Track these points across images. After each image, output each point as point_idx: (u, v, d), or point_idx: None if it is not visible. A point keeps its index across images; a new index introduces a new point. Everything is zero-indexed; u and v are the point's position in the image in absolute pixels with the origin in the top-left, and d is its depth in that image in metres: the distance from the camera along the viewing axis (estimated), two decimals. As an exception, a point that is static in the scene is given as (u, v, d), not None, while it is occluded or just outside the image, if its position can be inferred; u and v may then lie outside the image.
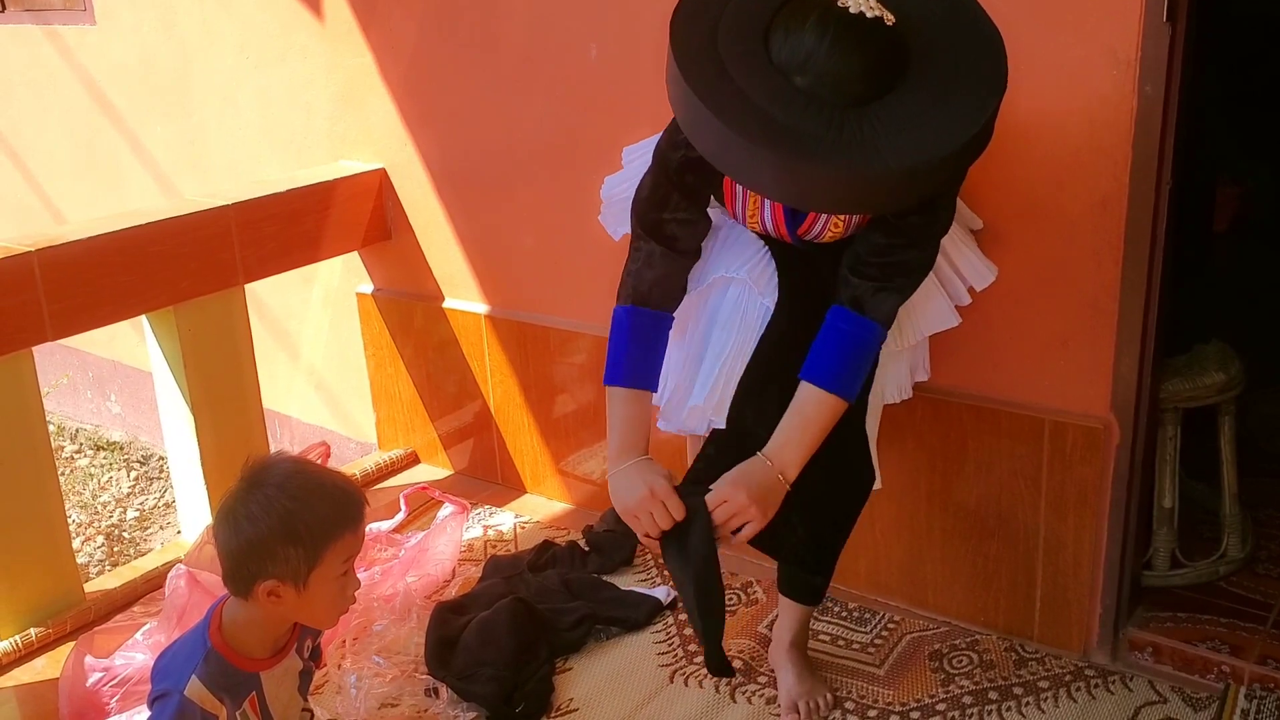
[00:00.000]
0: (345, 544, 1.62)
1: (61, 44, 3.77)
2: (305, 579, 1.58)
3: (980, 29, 1.64)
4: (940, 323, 2.03)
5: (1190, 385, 2.33)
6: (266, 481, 1.59)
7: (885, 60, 1.55)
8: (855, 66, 1.54)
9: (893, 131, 1.52)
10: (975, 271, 2.05)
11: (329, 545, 1.59)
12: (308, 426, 3.57)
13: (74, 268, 2.53)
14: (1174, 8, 1.90)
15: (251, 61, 3.26)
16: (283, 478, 1.60)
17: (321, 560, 1.59)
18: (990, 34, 1.64)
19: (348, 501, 1.63)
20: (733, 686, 2.25)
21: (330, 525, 1.59)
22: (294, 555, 1.57)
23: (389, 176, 3.08)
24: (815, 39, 1.54)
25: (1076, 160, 2.05)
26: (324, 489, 1.62)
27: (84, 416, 4.36)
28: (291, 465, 1.65)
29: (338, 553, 1.60)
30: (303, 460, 1.71)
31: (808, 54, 1.54)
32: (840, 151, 1.51)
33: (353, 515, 1.63)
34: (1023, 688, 2.21)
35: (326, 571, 1.60)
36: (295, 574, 1.58)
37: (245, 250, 2.84)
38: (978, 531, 2.35)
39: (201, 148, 3.51)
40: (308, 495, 1.59)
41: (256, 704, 1.65)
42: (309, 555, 1.58)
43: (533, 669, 2.28)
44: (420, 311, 3.12)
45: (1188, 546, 2.42)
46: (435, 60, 2.89)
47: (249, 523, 1.57)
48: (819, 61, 1.54)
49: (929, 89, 1.56)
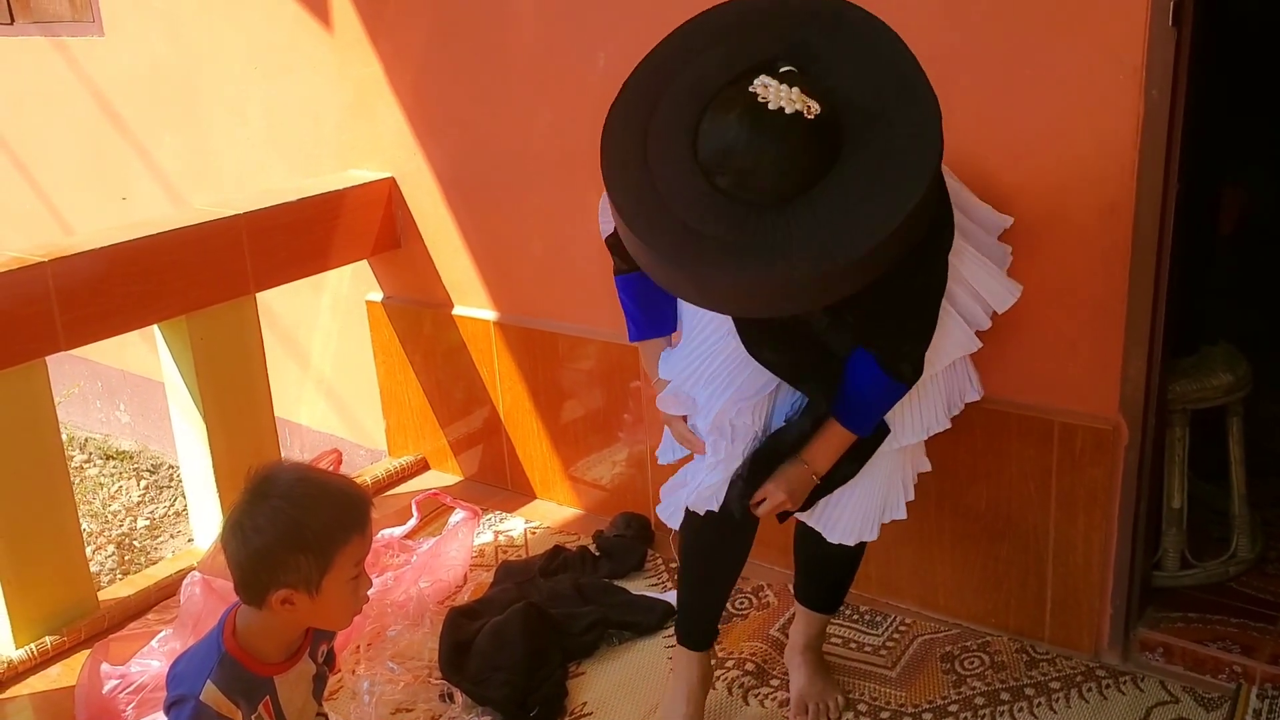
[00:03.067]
0: (355, 547, 1.62)
1: (69, 55, 3.79)
2: (318, 585, 1.59)
3: (918, 106, 1.51)
4: (959, 350, 1.92)
5: (1198, 386, 2.34)
6: (272, 491, 1.60)
7: (804, 156, 1.47)
8: (770, 166, 1.47)
9: (809, 232, 1.46)
10: (995, 294, 1.92)
11: (339, 550, 1.60)
12: (318, 434, 3.58)
13: (87, 277, 2.55)
14: (1179, 12, 1.91)
15: (260, 71, 3.28)
16: (288, 486, 1.61)
17: (333, 565, 1.59)
18: (925, 113, 1.51)
19: (353, 505, 1.64)
20: (745, 689, 2.27)
21: (338, 530, 1.60)
22: (305, 563, 1.58)
23: (398, 185, 3.10)
24: (733, 138, 1.48)
25: (1083, 165, 2.07)
26: (329, 494, 1.63)
27: (94, 426, 4.37)
28: (296, 473, 1.66)
29: (348, 556, 1.61)
30: (306, 467, 1.72)
31: (725, 154, 1.49)
32: (748, 256, 1.47)
33: (360, 518, 1.64)
34: (1034, 688, 2.21)
35: (338, 575, 1.61)
36: (307, 581, 1.59)
37: (256, 259, 2.86)
38: (988, 533, 2.36)
39: (210, 158, 3.52)
40: (313, 502, 1.60)
41: (271, 708, 1.66)
42: (320, 562, 1.58)
43: (546, 673, 2.29)
44: (429, 319, 3.14)
45: (1197, 547, 2.43)
46: (443, 70, 2.90)
47: (257, 534, 1.57)
48: (735, 161, 1.48)
49: (855, 182, 1.48)
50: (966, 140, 1.99)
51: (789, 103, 1.46)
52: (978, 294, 1.88)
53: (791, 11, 1.56)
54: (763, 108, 1.46)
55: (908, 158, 1.48)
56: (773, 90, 1.47)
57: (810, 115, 1.46)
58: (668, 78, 1.59)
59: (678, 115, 1.55)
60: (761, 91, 1.47)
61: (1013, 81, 2.09)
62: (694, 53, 1.59)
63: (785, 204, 1.48)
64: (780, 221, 1.48)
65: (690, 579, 2.12)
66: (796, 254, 1.46)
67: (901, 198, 1.47)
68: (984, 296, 1.89)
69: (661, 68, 1.61)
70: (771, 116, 1.46)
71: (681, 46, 1.61)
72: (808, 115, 1.46)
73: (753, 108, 1.47)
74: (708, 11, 1.62)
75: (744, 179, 1.49)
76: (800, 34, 1.54)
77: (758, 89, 1.47)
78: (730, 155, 1.49)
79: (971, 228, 1.89)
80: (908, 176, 1.48)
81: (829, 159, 1.49)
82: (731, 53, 1.56)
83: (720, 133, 1.50)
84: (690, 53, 1.59)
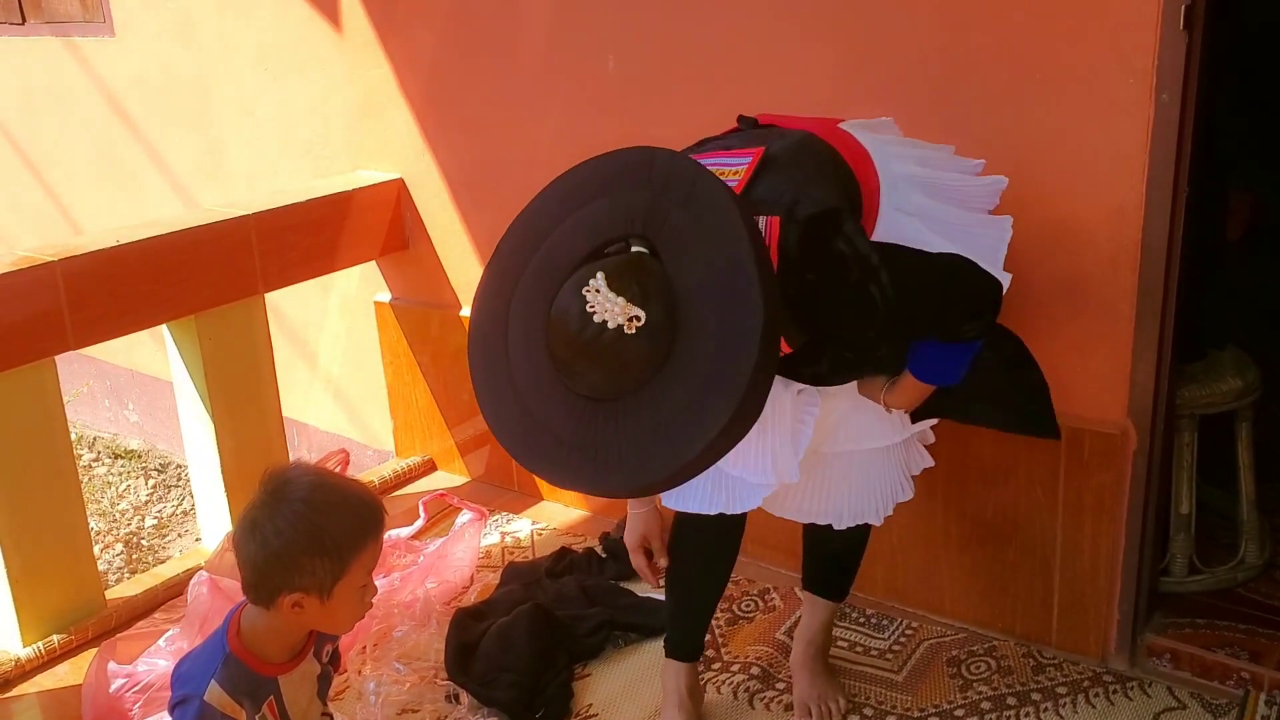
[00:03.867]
0: (369, 554, 1.63)
1: (81, 55, 3.81)
2: (330, 590, 1.60)
3: (744, 309, 1.46)
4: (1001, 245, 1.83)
5: (1207, 391, 2.33)
6: (290, 494, 1.60)
7: (630, 365, 1.48)
8: (598, 375, 1.49)
9: (631, 439, 1.48)
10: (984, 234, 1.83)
11: (355, 556, 1.60)
12: (325, 434, 3.59)
13: (96, 277, 2.56)
14: (1191, 16, 1.91)
15: (270, 73, 3.29)
16: (307, 490, 1.61)
17: (347, 571, 1.60)
18: (749, 319, 1.46)
19: (370, 512, 1.64)
20: (751, 694, 2.26)
21: (355, 536, 1.61)
22: (321, 568, 1.58)
23: (407, 186, 3.10)
24: (563, 345, 1.51)
25: (1093, 168, 2.06)
26: (347, 500, 1.63)
27: (102, 425, 4.38)
28: (314, 477, 1.66)
29: (362, 563, 1.62)
30: (323, 471, 1.72)
31: (559, 354, 1.52)
32: (576, 455, 1.51)
33: (375, 525, 1.64)
34: (1041, 693, 2.21)
35: (351, 581, 1.61)
36: (321, 586, 1.59)
37: (265, 259, 2.86)
38: (995, 538, 2.35)
39: (220, 158, 3.53)
40: (332, 508, 1.60)
41: (275, 708, 1.67)
42: (335, 567, 1.59)
43: (552, 675, 2.29)
44: (437, 320, 3.14)
45: (1205, 552, 2.43)
46: (453, 71, 2.91)
47: (276, 537, 1.58)
48: (567, 364, 1.51)
49: (673, 392, 1.48)
50: (975, 143, 1.99)
51: (613, 317, 1.46)
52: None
53: (656, 175, 1.56)
54: (589, 318, 1.47)
55: (722, 373, 1.46)
56: (601, 299, 1.47)
57: (631, 330, 1.46)
58: (539, 238, 1.61)
59: (537, 289, 1.57)
60: (592, 298, 1.48)
61: (1023, 85, 2.09)
62: (570, 209, 1.60)
63: (617, 400, 1.50)
64: (609, 425, 1.50)
65: (680, 589, 2.12)
66: (614, 464, 1.49)
67: (708, 421, 1.45)
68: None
69: (536, 224, 1.63)
70: (597, 330, 1.47)
71: (561, 198, 1.63)
72: (628, 330, 1.46)
73: (581, 315, 1.48)
74: (591, 162, 1.63)
75: (575, 379, 1.51)
76: (660, 201, 1.54)
77: (589, 295, 1.48)
78: (562, 358, 1.52)
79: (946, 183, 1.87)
80: (718, 396, 1.46)
81: (661, 357, 1.48)
82: (597, 219, 1.57)
83: (557, 331, 1.52)
84: (567, 208, 1.60)
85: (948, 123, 2.11)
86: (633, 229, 1.53)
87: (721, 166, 1.69)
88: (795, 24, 2.34)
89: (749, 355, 1.44)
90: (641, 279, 1.48)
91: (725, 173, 1.67)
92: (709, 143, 1.85)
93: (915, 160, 1.88)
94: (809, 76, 2.35)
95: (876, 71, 2.25)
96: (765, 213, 1.61)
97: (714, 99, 2.47)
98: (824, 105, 2.29)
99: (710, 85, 2.48)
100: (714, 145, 1.82)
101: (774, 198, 1.64)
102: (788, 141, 1.76)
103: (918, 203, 1.84)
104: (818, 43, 2.32)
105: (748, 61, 2.42)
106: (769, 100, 2.39)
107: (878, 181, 1.83)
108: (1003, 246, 1.83)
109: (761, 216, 1.60)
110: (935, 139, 2.01)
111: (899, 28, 2.21)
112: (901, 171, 1.85)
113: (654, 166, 1.56)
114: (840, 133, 1.87)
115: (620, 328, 1.45)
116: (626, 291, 1.46)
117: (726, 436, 1.47)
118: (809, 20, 2.32)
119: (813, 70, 2.34)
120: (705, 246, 1.49)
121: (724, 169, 1.68)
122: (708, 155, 1.74)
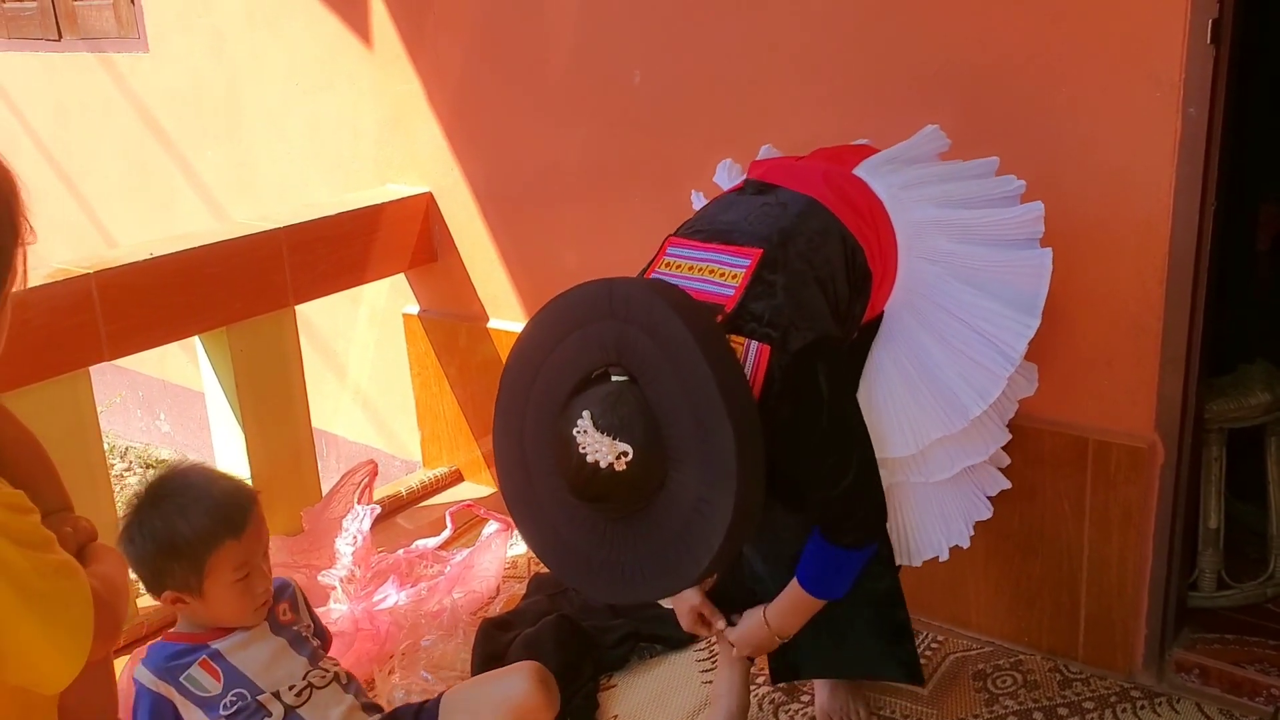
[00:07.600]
0: (229, 551, 1.70)
1: (115, 71, 3.87)
2: (199, 588, 1.70)
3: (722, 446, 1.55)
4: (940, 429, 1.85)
5: (1235, 405, 2.32)
6: (155, 498, 1.71)
7: (626, 496, 1.59)
8: (606, 503, 1.61)
9: (635, 558, 1.62)
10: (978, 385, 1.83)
11: (210, 555, 1.69)
12: (354, 445, 3.62)
13: (130, 289, 2.59)
14: (1218, 31, 1.91)
15: (301, 88, 3.33)
16: (171, 492, 1.71)
17: (208, 570, 1.69)
18: (725, 439, 1.54)
19: (225, 512, 1.71)
20: (775, 705, 2.27)
21: (210, 537, 1.69)
22: (179, 569, 1.69)
23: (435, 200, 3.13)
24: (571, 483, 1.61)
25: (1120, 182, 2.06)
26: (201, 501, 1.71)
27: (134, 435, 4.43)
28: (181, 479, 1.75)
29: (223, 561, 1.70)
30: (195, 471, 1.80)
31: (572, 488, 1.61)
32: (605, 575, 1.66)
33: (233, 524, 1.71)
34: (1068, 708, 2.20)
35: (218, 579, 1.70)
36: (187, 585, 1.70)
37: (296, 272, 2.90)
38: (1021, 551, 2.35)
39: (251, 172, 3.58)
40: (189, 509, 1.69)
41: (211, 665, 1.74)
42: (194, 566, 1.69)
43: (578, 685, 2.30)
44: (465, 332, 3.17)
45: (1234, 568, 2.41)
46: (481, 86, 2.94)
47: (139, 540, 1.70)
48: (579, 495, 1.62)
49: (659, 531, 1.60)
50: (1002, 157, 1.99)
51: (603, 456, 1.56)
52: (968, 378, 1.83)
53: (616, 306, 1.63)
54: (584, 459, 1.56)
55: (692, 532, 1.58)
56: (590, 440, 1.56)
57: (622, 466, 1.55)
58: (534, 370, 1.69)
59: (541, 424, 1.68)
60: (582, 439, 1.57)
61: (1051, 99, 2.09)
62: (557, 338, 1.68)
63: (632, 518, 1.61)
64: (629, 540, 1.62)
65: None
66: (639, 579, 1.63)
67: (677, 579, 1.65)
68: (971, 380, 1.82)
69: (530, 356, 1.71)
70: (593, 470, 1.56)
71: (548, 328, 1.71)
72: (619, 467, 1.55)
73: (578, 458, 1.58)
74: (561, 297, 1.71)
75: (592, 506, 1.63)
76: (626, 330, 1.61)
77: (580, 437, 1.56)
78: (575, 491, 1.62)
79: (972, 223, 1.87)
80: (689, 555, 1.59)
81: (658, 479, 1.59)
82: (577, 351, 1.65)
83: (563, 472, 1.62)
84: (555, 337, 1.68)
85: (976, 136, 2.11)
86: (609, 358, 1.61)
87: (720, 265, 1.73)
88: (824, 37, 2.35)
89: (729, 477, 1.54)
90: (622, 412, 1.57)
91: (723, 273, 1.72)
92: (710, 215, 1.85)
93: (938, 201, 1.87)
94: (837, 90, 2.35)
95: (903, 84, 2.26)
96: (758, 336, 1.66)
97: (740, 113, 2.48)
98: (853, 118, 2.30)
99: (736, 99, 2.49)
100: (715, 224, 1.82)
101: (768, 316, 1.67)
102: (788, 225, 1.76)
103: (944, 249, 1.85)
104: (847, 55, 2.33)
105: (773, 76, 2.43)
106: (795, 115, 2.41)
107: (894, 234, 1.84)
108: (1042, 290, 1.83)
109: (753, 341, 1.65)
110: (963, 152, 2.01)
111: (928, 41, 2.21)
112: (922, 218, 1.85)
113: (613, 298, 1.63)
114: (851, 185, 1.86)
115: (611, 465, 1.56)
116: (611, 429, 1.55)
117: (732, 539, 1.58)
118: (837, 33, 2.33)
119: (841, 83, 2.35)
120: (672, 369, 1.57)
121: (722, 268, 1.73)
122: (705, 247, 1.77)
